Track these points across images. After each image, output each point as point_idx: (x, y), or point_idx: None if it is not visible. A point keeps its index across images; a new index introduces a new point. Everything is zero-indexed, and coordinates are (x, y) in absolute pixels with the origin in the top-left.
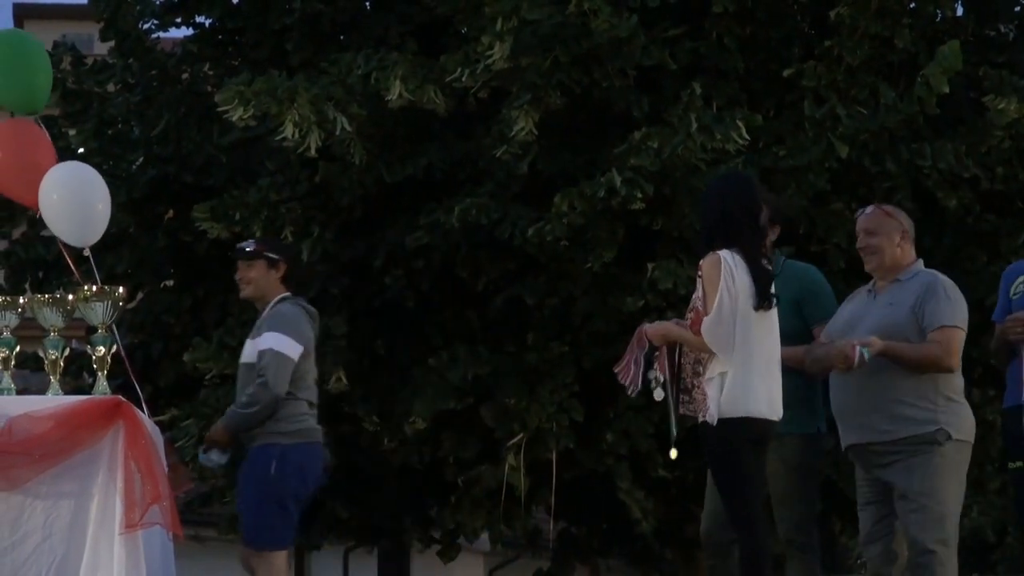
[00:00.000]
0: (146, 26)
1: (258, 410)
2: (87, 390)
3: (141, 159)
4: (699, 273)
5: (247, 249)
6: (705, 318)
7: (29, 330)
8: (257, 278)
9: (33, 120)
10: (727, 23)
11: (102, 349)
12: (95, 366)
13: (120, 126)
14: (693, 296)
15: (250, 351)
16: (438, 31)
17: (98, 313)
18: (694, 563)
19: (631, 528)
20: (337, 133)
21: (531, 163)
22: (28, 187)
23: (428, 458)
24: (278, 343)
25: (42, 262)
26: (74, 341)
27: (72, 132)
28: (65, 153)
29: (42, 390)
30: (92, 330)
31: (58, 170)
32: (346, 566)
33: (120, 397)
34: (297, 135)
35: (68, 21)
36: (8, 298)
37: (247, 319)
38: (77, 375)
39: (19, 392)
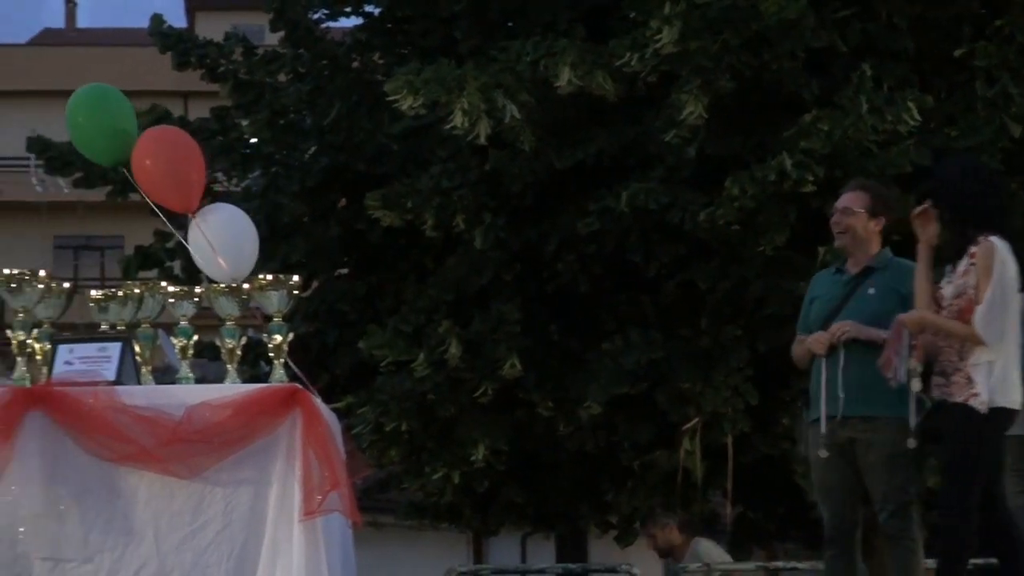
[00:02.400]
0: (316, 16)
1: None
2: (264, 378)
3: (313, 148)
4: (971, 261)
5: None
6: (978, 307)
7: (206, 319)
8: None
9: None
10: (897, 3)
11: (279, 337)
12: (272, 354)
13: (292, 116)
14: (954, 283)
15: None
16: (606, 16)
17: (274, 301)
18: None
19: (808, 512)
20: (506, 120)
21: (700, 147)
22: (179, 195)
23: (603, 443)
24: None
25: None
26: (251, 330)
27: (245, 122)
28: (238, 143)
29: (220, 379)
30: (268, 318)
31: (209, 212)
32: (524, 552)
33: (297, 385)
34: (467, 123)
35: (239, 12)
36: (185, 288)
37: (421, 306)
38: (254, 363)
39: (197, 381)
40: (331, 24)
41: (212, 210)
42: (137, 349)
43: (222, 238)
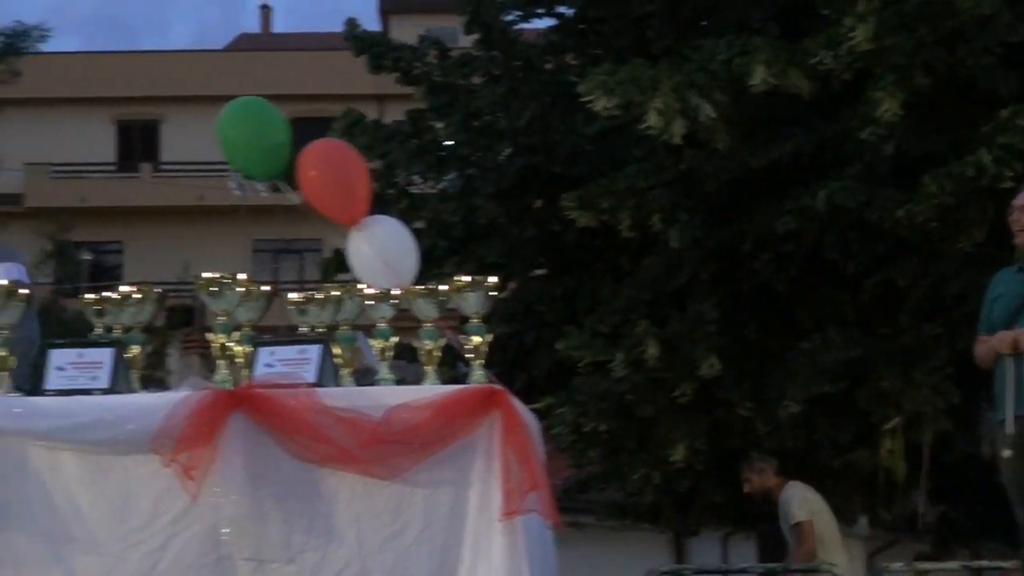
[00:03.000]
0: (509, 18)
1: None
2: (462, 380)
3: (508, 150)
4: None
5: None
6: None
7: (404, 321)
8: None
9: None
10: None
11: (477, 338)
12: (470, 355)
13: (486, 118)
14: None
15: None
16: (800, 14)
17: (472, 303)
18: None
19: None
20: (701, 120)
21: (897, 144)
22: (345, 207)
23: (802, 442)
24: None
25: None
26: (448, 336)
27: (439, 125)
28: (433, 146)
29: (418, 380)
30: (466, 320)
31: (370, 226)
32: (725, 551)
33: (496, 386)
34: (661, 123)
35: (432, 15)
36: (383, 290)
37: (618, 306)
38: (452, 365)
39: (396, 383)
40: (524, 26)
41: (376, 223)
42: (336, 351)
43: (388, 250)
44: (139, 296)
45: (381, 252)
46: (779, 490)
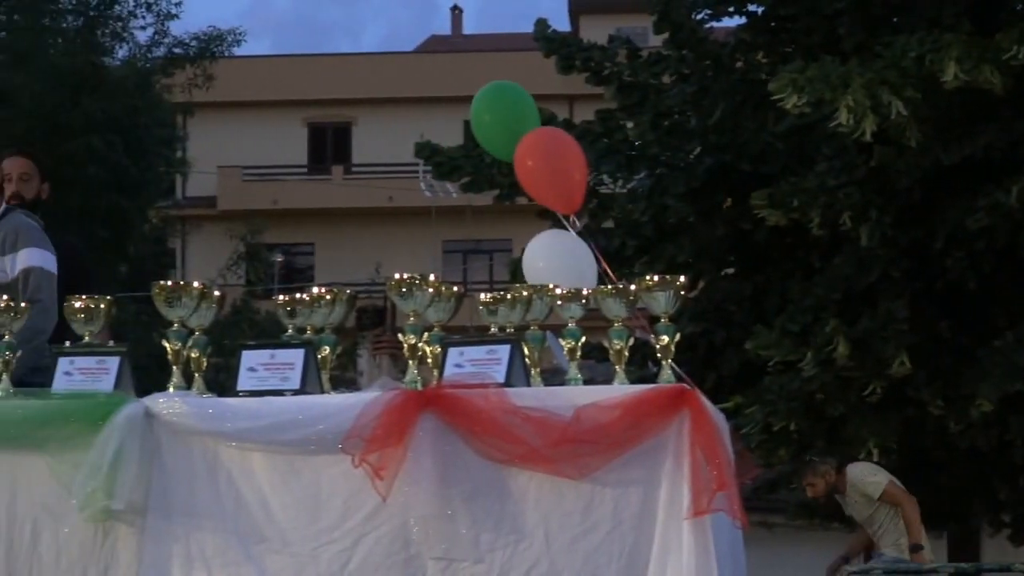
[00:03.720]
0: (699, 17)
1: None
2: (651, 379)
3: (698, 149)
4: None
5: None
6: None
7: (594, 321)
8: None
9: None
10: None
11: (666, 338)
12: (659, 355)
13: (676, 117)
14: None
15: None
16: (993, 9)
17: (661, 302)
18: None
19: None
20: (892, 117)
21: None
22: (562, 195)
23: (995, 441)
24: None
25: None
26: (638, 331)
27: (629, 124)
28: (623, 145)
29: (607, 380)
30: (656, 319)
31: (542, 238)
32: None
33: (685, 385)
34: (852, 120)
35: (622, 15)
36: (573, 290)
37: (808, 305)
38: (642, 364)
39: (585, 382)
40: (714, 24)
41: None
42: (526, 351)
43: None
44: (330, 297)
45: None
46: (842, 480)
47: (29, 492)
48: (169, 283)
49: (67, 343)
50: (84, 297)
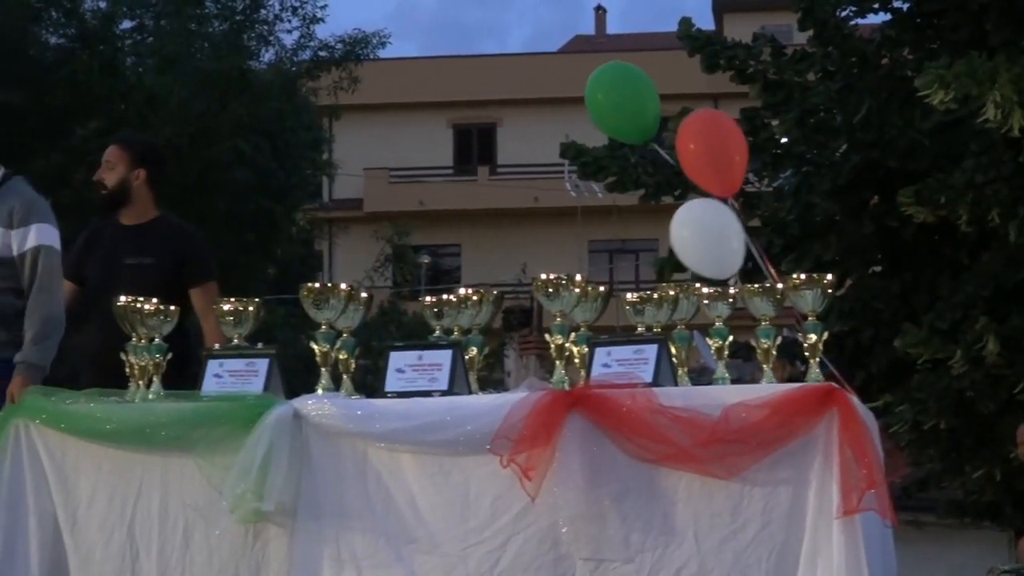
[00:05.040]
0: (844, 13)
1: None
2: (799, 378)
3: (844, 146)
4: None
5: None
6: None
7: (741, 320)
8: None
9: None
10: None
11: (814, 336)
12: (807, 353)
13: (822, 114)
14: None
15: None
16: None
17: (808, 300)
18: None
19: None
20: None
21: None
22: (721, 178)
23: None
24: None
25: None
26: (785, 329)
27: (775, 123)
28: (769, 144)
29: (755, 379)
30: (803, 318)
31: (689, 208)
32: None
33: (833, 384)
34: (999, 116)
35: (766, 12)
36: (719, 289)
37: (957, 302)
38: (790, 363)
39: (733, 382)
40: (859, 21)
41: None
42: (673, 350)
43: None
44: (477, 298)
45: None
46: None
47: (180, 494)
48: (317, 285)
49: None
50: (233, 300)
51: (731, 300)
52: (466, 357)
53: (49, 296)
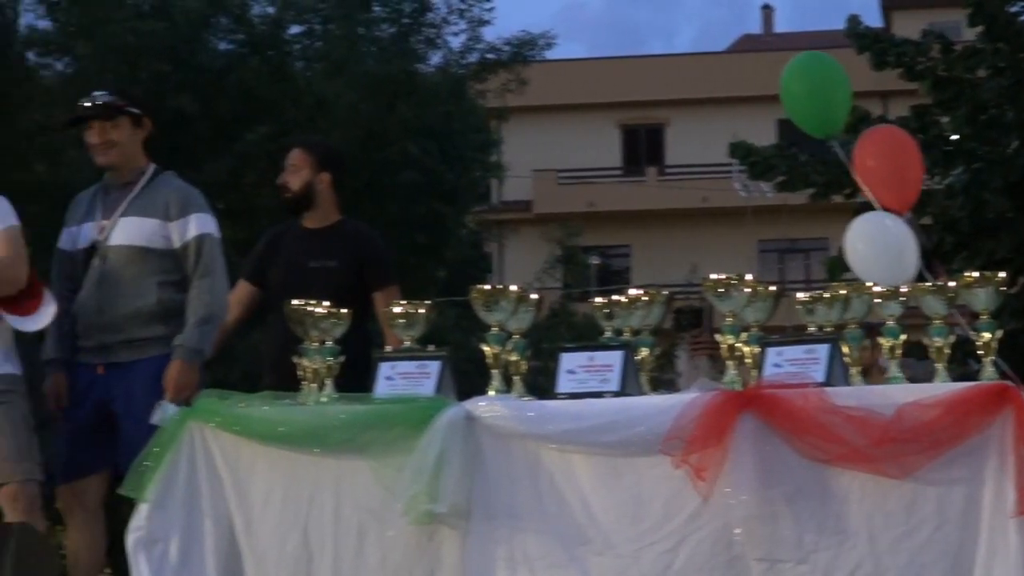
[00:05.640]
0: (1014, 9)
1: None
2: (973, 376)
3: (1016, 143)
4: None
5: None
6: None
7: (913, 319)
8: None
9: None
10: None
11: (987, 335)
12: (981, 352)
13: (993, 111)
14: None
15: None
16: None
17: (981, 299)
18: None
19: None
20: None
21: None
22: (898, 194)
23: None
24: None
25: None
26: (958, 327)
27: (945, 120)
28: (939, 141)
29: (928, 378)
30: (976, 316)
31: (865, 221)
32: None
33: (1007, 383)
34: None
35: (935, 9)
36: (891, 288)
37: None
38: (963, 361)
39: (907, 381)
40: None
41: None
42: (845, 350)
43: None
44: (647, 299)
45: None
46: None
47: (354, 496)
48: (487, 287)
49: None
50: (404, 302)
51: (903, 299)
52: (637, 358)
53: (212, 283)
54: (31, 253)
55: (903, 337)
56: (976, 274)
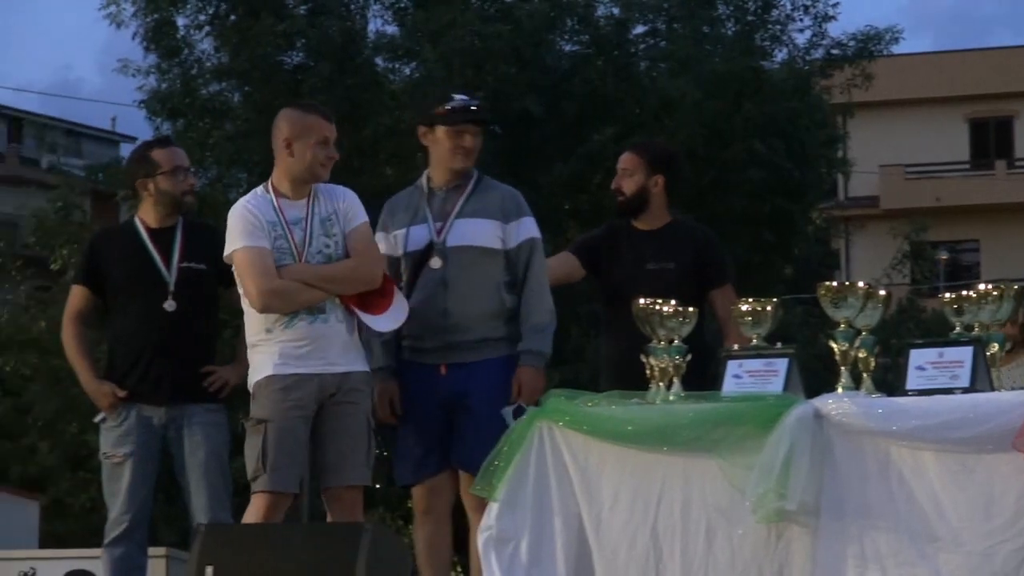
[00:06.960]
0: None
1: None
2: None
3: None
4: None
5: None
6: None
7: None
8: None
9: None
10: None
11: None
12: None
13: None
14: None
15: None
16: None
17: None
18: None
19: None
20: None
21: None
22: None
23: None
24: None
25: None
26: None
27: None
28: None
29: None
30: None
31: None
32: None
33: None
34: None
35: None
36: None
37: None
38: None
39: None
40: None
41: None
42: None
43: None
44: (997, 293)
45: None
46: None
47: (702, 494)
48: (835, 284)
49: None
50: (751, 300)
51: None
52: (987, 353)
53: (545, 286)
54: None
55: None
56: None
